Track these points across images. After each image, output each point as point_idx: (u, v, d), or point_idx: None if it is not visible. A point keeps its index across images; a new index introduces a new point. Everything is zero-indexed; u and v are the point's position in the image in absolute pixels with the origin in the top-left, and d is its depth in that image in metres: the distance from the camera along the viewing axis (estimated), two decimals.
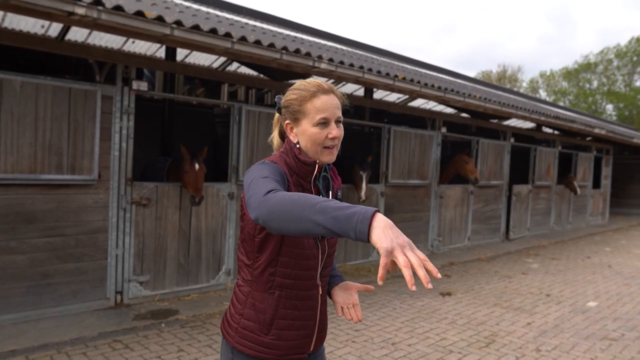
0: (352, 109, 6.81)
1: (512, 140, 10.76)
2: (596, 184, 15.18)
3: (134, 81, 4.95)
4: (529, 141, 11.98)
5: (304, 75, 6.31)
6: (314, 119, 1.59)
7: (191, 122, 8.51)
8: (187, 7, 6.24)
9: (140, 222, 5.11)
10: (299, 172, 1.65)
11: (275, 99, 1.74)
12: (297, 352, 1.70)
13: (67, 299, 4.64)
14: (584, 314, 5.61)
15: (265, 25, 7.76)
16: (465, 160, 8.93)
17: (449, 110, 11.24)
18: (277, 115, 1.76)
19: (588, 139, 14.04)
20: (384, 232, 1.14)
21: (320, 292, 1.72)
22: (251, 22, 7.48)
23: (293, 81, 7.66)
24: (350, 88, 9.92)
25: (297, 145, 1.66)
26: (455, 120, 9.80)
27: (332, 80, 8.56)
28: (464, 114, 10.49)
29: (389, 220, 1.17)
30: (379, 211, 1.19)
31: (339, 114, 1.64)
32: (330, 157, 1.64)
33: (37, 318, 4.44)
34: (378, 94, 10.13)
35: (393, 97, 11.10)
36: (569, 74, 34.93)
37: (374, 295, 5.95)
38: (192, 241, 5.51)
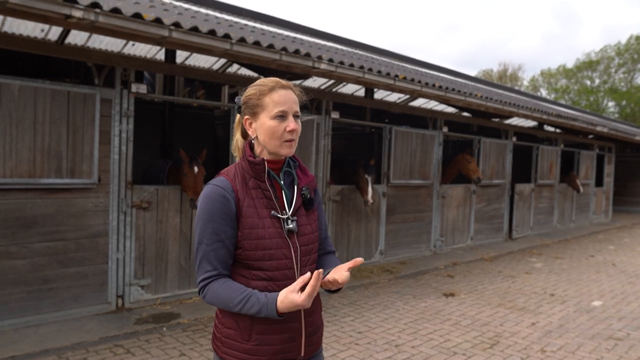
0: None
1: (514, 139, 10.71)
2: (599, 182, 15.11)
3: (133, 84, 4.92)
4: (531, 140, 11.93)
5: (304, 76, 6.28)
6: (272, 112, 1.62)
7: (191, 124, 8.48)
8: (186, 9, 6.22)
9: (141, 225, 5.08)
10: (252, 174, 1.67)
11: (235, 100, 1.76)
12: (284, 357, 1.66)
13: (68, 303, 4.62)
14: (589, 313, 5.56)
15: (264, 27, 7.73)
16: (467, 160, 8.89)
17: (450, 109, 11.20)
18: (237, 117, 1.76)
19: (590, 137, 13.99)
20: (288, 308, 1.54)
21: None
22: (250, 24, 7.46)
23: (294, 82, 7.63)
24: (350, 88, 9.89)
25: (253, 140, 1.71)
26: (456, 119, 9.76)
27: (332, 81, 8.55)
28: (465, 113, 10.45)
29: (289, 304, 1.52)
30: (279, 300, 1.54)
31: (297, 109, 1.67)
32: (289, 149, 1.66)
33: (38, 323, 4.41)
34: (379, 94, 10.10)
35: (394, 97, 11.06)
36: (570, 72, 34.83)
37: (377, 296, 5.92)
38: (193, 244, 5.48)
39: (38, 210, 4.41)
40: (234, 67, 8.95)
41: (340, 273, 1.61)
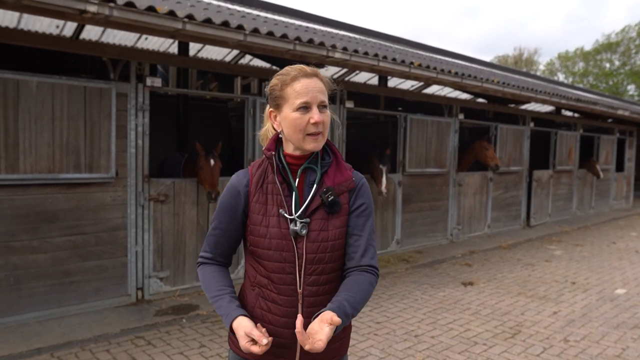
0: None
1: (531, 124, 10.52)
2: (619, 167, 14.81)
3: (147, 77, 4.93)
4: (549, 125, 11.71)
5: (319, 65, 6.20)
6: (294, 104, 1.51)
7: (206, 116, 8.50)
8: (198, 1, 6.19)
9: (159, 218, 5.11)
10: (273, 170, 1.59)
11: (264, 90, 1.64)
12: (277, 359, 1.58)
13: (89, 296, 4.68)
14: (613, 301, 5.46)
15: (277, 17, 7.67)
16: (484, 147, 8.77)
17: (465, 96, 11.03)
18: (267, 106, 1.65)
19: (610, 121, 13.68)
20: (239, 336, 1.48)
21: (301, 301, 1.55)
22: (263, 14, 7.40)
23: None
24: (363, 77, 9.79)
25: (280, 135, 1.61)
26: (472, 106, 9.61)
27: (345, 70, 8.47)
28: (481, 100, 10.29)
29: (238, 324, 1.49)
30: (237, 317, 1.50)
31: (323, 98, 1.54)
32: (314, 144, 1.53)
33: (61, 316, 4.49)
34: (392, 82, 9.98)
35: (407, 84, 10.92)
36: (588, 55, 34.04)
37: (394, 286, 5.89)
38: None
39: (58, 205, 4.47)
40: (247, 59, 8.92)
41: (316, 330, 1.37)
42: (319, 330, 1.37)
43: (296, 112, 1.51)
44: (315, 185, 1.57)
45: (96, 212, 4.69)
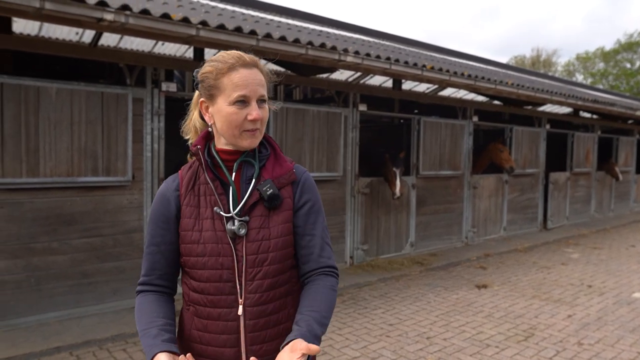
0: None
1: (547, 126, 10.41)
2: None
3: (163, 83, 5.03)
4: (566, 127, 11.57)
5: (330, 69, 6.27)
6: (230, 97, 1.35)
7: None
8: (213, 7, 6.30)
9: None
10: (203, 168, 1.43)
11: (193, 73, 1.47)
12: None
13: (107, 296, 4.79)
14: (630, 305, 5.39)
15: (290, 21, 7.75)
16: (499, 149, 8.72)
17: (481, 98, 10.97)
18: (196, 93, 1.47)
19: (630, 122, 13.45)
20: None
21: (243, 312, 1.37)
22: (277, 19, 7.49)
23: (321, 76, 7.65)
24: (378, 80, 9.81)
25: (210, 128, 1.44)
26: (487, 108, 9.56)
27: (359, 73, 8.50)
28: (496, 102, 10.22)
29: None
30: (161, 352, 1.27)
31: (263, 92, 1.39)
32: (250, 140, 1.38)
33: (79, 316, 4.60)
34: (407, 85, 9.98)
35: (422, 87, 10.90)
36: (608, 55, 33.48)
37: (408, 288, 5.90)
38: None
39: (77, 208, 4.59)
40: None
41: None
42: None
43: (232, 106, 1.35)
44: (253, 180, 1.42)
45: (113, 214, 4.80)
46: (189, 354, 1.25)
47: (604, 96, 12.89)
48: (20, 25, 6.75)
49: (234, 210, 1.38)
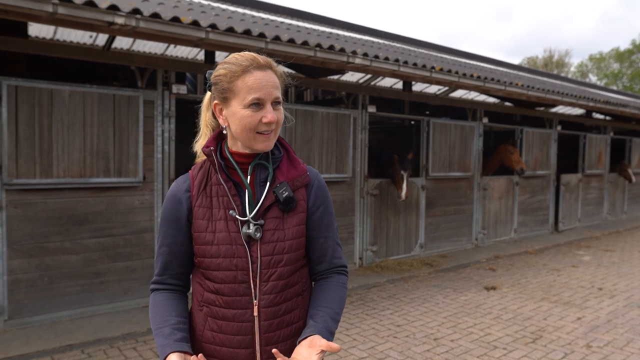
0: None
1: (559, 128, 10.33)
2: None
3: (173, 85, 5.11)
4: (578, 128, 11.47)
5: (339, 71, 6.31)
6: (245, 100, 1.34)
7: None
8: (223, 10, 6.37)
9: None
10: (215, 169, 1.43)
11: (206, 74, 1.46)
12: None
13: (118, 296, 4.87)
14: None
15: (300, 23, 7.80)
16: (509, 151, 8.68)
17: (492, 99, 10.92)
18: (208, 94, 1.47)
19: None
20: None
21: (258, 313, 1.39)
22: (287, 21, 7.54)
23: (331, 78, 7.68)
24: (389, 82, 9.82)
25: (224, 130, 1.43)
26: (497, 109, 9.52)
27: (369, 75, 8.52)
28: (507, 103, 10.17)
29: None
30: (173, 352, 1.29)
31: (277, 94, 1.37)
32: (265, 143, 1.38)
33: (91, 314, 4.69)
34: (418, 87, 9.98)
35: (433, 89, 10.90)
36: (622, 56, 33.08)
37: (416, 290, 5.90)
38: None
39: (89, 208, 4.67)
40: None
41: (305, 357, 1.24)
42: (307, 357, 1.22)
43: (247, 109, 1.34)
44: (268, 183, 1.42)
45: (125, 215, 4.88)
46: (200, 355, 1.26)
47: (617, 97, 12.75)
48: (36, 29, 6.89)
49: (250, 213, 1.39)
